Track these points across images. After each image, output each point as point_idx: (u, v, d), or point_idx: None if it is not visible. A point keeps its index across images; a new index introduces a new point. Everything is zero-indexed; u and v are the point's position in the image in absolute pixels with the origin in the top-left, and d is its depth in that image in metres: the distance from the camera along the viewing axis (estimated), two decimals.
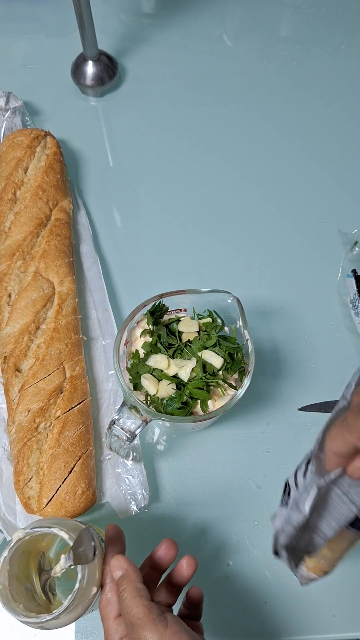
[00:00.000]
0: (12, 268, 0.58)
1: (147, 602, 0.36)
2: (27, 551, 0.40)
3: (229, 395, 0.48)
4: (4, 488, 0.52)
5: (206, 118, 0.77)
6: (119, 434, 0.46)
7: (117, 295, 0.63)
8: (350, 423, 0.28)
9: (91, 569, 0.38)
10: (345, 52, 0.84)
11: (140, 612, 0.35)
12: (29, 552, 0.41)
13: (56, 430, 0.50)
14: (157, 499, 0.53)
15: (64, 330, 0.55)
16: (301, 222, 0.69)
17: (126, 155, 0.74)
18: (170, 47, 0.84)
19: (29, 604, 0.38)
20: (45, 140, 0.66)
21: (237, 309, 0.50)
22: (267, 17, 0.88)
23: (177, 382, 0.47)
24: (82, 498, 0.49)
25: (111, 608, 0.38)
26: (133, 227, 0.68)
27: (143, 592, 0.37)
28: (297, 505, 0.34)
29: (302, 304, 0.63)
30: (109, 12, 0.87)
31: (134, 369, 0.49)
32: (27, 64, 0.82)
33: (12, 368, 0.53)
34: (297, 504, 0.34)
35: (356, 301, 0.60)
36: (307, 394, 0.58)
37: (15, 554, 0.38)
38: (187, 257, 0.66)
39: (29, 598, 0.39)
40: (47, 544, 0.42)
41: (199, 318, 0.52)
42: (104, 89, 0.78)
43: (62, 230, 0.61)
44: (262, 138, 0.75)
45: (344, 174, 0.73)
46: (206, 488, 0.53)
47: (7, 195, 0.61)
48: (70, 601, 0.36)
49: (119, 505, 0.51)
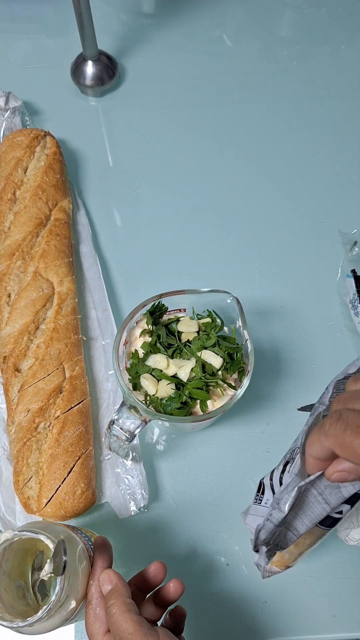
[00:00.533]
0: (11, 268, 0.58)
1: (137, 616, 0.35)
2: (24, 548, 0.40)
3: (228, 395, 0.48)
4: (4, 488, 0.52)
5: (206, 118, 0.77)
6: (118, 434, 0.46)
7: (117, 295, 0.63)
8: (327, 429, 0.29)
9: (73, 580, 0.38)
10: (345, 52, 0.84)
11: (131, 627, 0.35)
12: (27, 549, 0.41)
13: (56, 430, 0.50)
14: (156, 499, 0.53)
15: (64, 330, 0.55)
16: (301, 222, 0.69)
17: (126, 155, 0.74)
18: (170, 47, 0.84)
19: (16, 602, 0.38)
20: (45, 140, 0.66)
21: (236, 309, 0.50)
22: (267, 17, 0.88)
23: (176, 382, 0.47)
24: (82, 498, 0.49)
25: (100, 624, 0.38)
26: (133, 227, 0.68)
27: (132, 606, 0.36)
28: (279, 504, 0.35)
29: (302, 304, 0.63)
30: (109, 12, 0.87)
31: (134, 369, 0.49)
32: (27, 64, 0.82)
33: (12, 368, 0.53)
34: (279, 503, 0.35)
35: (356, 301, 0.60)
36: (307, 394, 0.57)
37: (9, 551, 0.38)
38: (187, 257, 0.66)
39: (18, 596, 0.39)
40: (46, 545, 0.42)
41: (198, 318, 0.52)
42: (104, 89, 0.78)
43: (62, 230, 0.61)
44: (261, 138, 0.75)
45: (344, 174, 0.72)
46: (206, 488, 0.53)
47: (6, 195, 0.61)
48: (45, 611, 0.35)
49: (118, 505, 0.51)
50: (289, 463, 0.40)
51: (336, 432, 0.28)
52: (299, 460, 0.36)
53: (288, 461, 0.40)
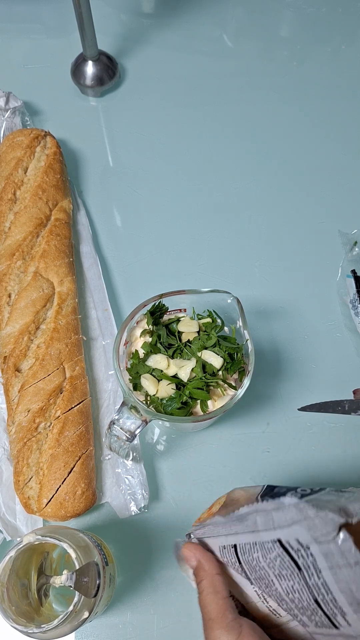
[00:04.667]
0: (12, 268, 0.58)
1: (223, 600, 0.33)
2: (31, 548, 0.40)
3: (228, 396, 0.48)
4: (4, 488, 0.52)
5: (206, 118, 0.77)
6: (118, 434, 0.46)
7: (117, 295, 0.63)
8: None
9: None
10: (345, 52, 0.84)
11: (214, 612, 0.33)
12: (34, 549, 0.41)
13: (56, 430, 0.50)
14: (157, 499, 0.53)
15: (64, 330, 0.55)
16: (301, 222, 0.69)
17: (126, 155, 0.74)
18: (170, 47, 0.84)
19: (20, 601, 0.38)
20: (45, 140, 0.66)
21: (237, 309, 0.50)
22: (267, 17, 0.88)
23: (176, 382, 0.47)
24: (82, 498, 0.49)
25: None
26: (133, 227, 0.68)
27: (220, 586, 0.34)
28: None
29: (302, 304, 0.63)
30: (109, 12, 0.87)
31: (134, 369, 0.49)
32: (27, 64, 0.82)
33: (12, 368, 0.53)
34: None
35: (356, 301, 0.60)
36: (307, 394, 0.58)
37: (21, 552, 0.38)
38: (187, 257, 0.66)
39: (22, 595, 0.39)
40: (53, 545, 0.42)
41: (198, 318, 0.52)
42: (104, 89, 0.78)
43: (62, 230, 0.61)
44: (261, 138, 0.75)
45: (344, 174, 0.73)
46: (206, 488, 0.53)
47: (6, 195, 0.61)
48: (60, 621, 0.36)
49: (118, 505, 0.51)
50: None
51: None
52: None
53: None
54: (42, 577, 0.41)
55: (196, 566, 0.36)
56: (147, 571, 0.50)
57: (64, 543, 0.38)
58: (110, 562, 0.45)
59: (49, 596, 0.42)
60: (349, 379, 0.58)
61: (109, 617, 0.48)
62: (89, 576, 0.37)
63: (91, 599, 0.38)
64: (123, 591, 0.49)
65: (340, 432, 0.56)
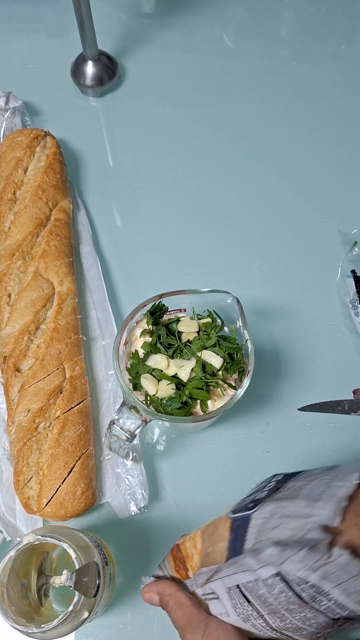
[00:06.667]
0: (11, 268, 0.58)
1: (188, 609, 0.37)
2: (31, 548, 0.40)
3: (228, 396, 0.48)
4: (4, 488, 0.52)
5: (206, 118, 0.77)
6: (118, 434, 0.46)
7: (117, 295, 0.63)
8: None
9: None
10: (345, 52, 0.84)
11: (183, 621, 0.36)
12: (34, 549, 0.41)
13: (56, 430, 0.50)
14: (156, 499, 0.53)
15: (64, 330, 0.55)
16: (301, 222, 0.69)
17: (126, 155, 0.74)
18: (170, 47, 0.84)
19: (20, 601, 0.38)
20: (45, 140, 0.66)
21: (236, 309, 0.50)
22: (267, 17, 0.88)
23: (176, 382, 0.47)
24: (82, 498, 0.49)
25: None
26: (133, 227, 0.68)
27: (183, 599, 0.37)
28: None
29: (302, 304, 0.63)
30: (109, 12, 0.87)
31: (134, 369, 0.49)
32: (27, 64, 0.82)
33: (12, 368, 0.53)
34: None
35: (356, 301, 0.60)
36: (307, 394, 0.58)
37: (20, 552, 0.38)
38: (187, 257, 0.66)
39: (22, 595, 0.39)
40: (53, 545, 0.42)
41: (198, 318, 0.52)
42: (104, 89, 0.78)
43: (62, 230, 0.61)
44: (261, 138, 0.75)
45: (344, 174, 0.72)
46: (206, 488, 0.53)
47: (6, 195, 0.61)
48: (60, 621, 0.36)
49: (118, 505, 0.51)
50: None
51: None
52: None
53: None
54: (42, 577, 0.41)
55: (159, 599, 0.39)
56: (147, 571, 0.50)
57: (63, 543, 0.38)
58: (110, 562, 0.45)
59: (49, 596, 0.42)
60: (349, 379, 0.58)
61: (109, 617, 0.48)
62: (89, 576, 0.37)
63: (91, 599, 0.38)
64: (123, 591, 0.49)
65: (340, 432, 0.56)
